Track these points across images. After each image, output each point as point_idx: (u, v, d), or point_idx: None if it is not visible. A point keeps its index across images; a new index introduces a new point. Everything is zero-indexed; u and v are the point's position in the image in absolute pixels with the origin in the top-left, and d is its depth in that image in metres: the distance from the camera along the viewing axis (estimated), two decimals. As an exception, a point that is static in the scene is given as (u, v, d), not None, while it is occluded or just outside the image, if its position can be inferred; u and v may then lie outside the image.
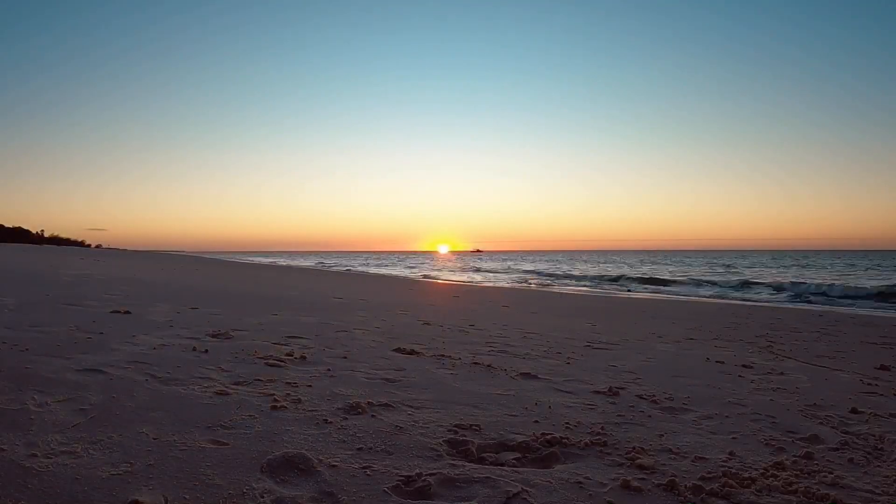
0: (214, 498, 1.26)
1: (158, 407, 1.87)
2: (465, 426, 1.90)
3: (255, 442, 1.62)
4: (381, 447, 1.66)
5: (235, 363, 2.63)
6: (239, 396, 2.06)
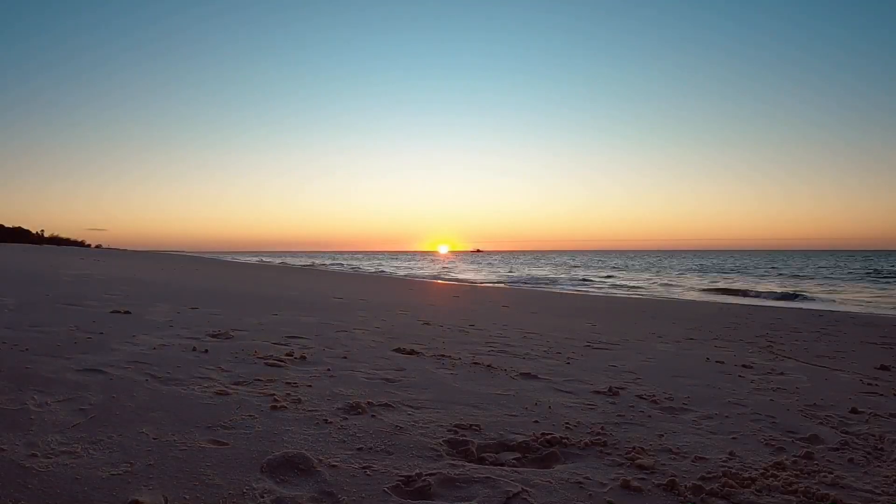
0: (214, 498, 1.26)
1: (158, 407, 1.87)
2: (465, 426, 1.90)
3: (255, 442, 1.62)
4: (381, 447, 1.66)
5: (235, 363, 2.63)
6: (239, 396, 2.06)
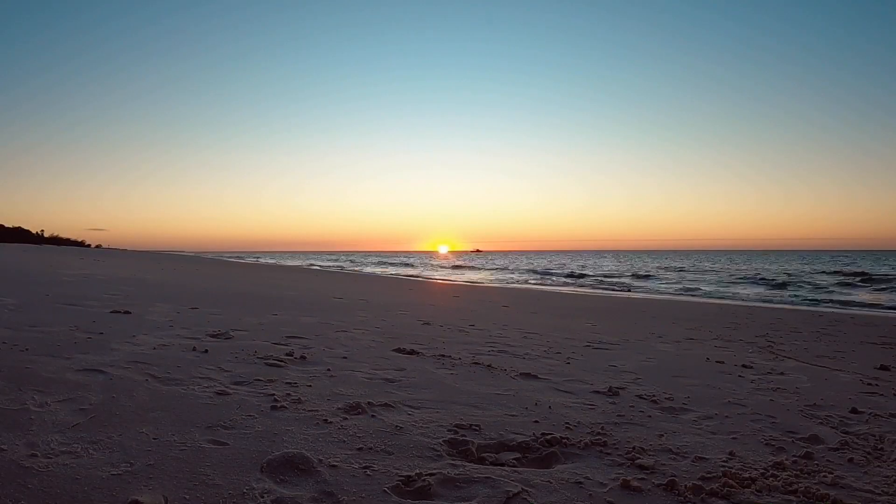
0: (214, 498, 1.26)
1: (158, 407, 1.87)
2: (465, 426, 1.90)
3: (255, 442, 1.62)
4: (381, 447, 1.65)
5: (235, 363, 2.63)
6: (239, 396, 2.06)
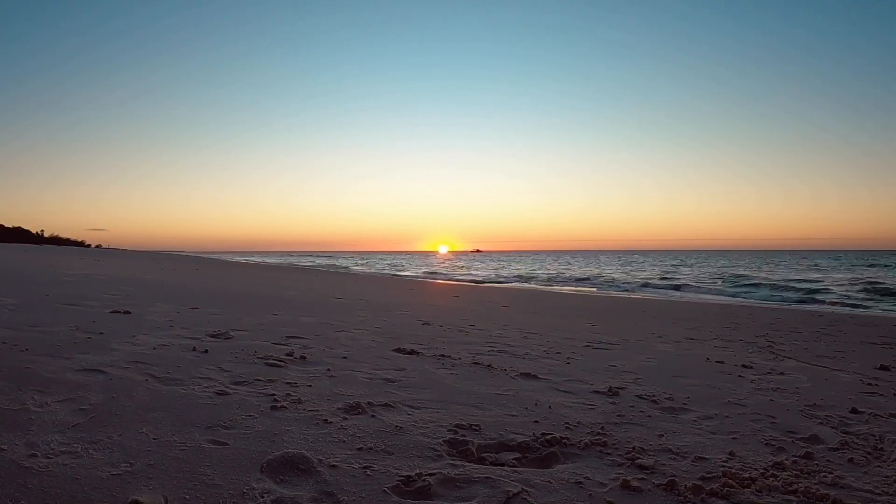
0: (214, 498, 1.26)
1: (158, 407, 1.87)
2: (465, 426, 1.90)
3: (255, 442, 1.62)
4: (381, 447, 1.65)
5: (235, 363, 2.63)
6: (239, 396, 2.06)
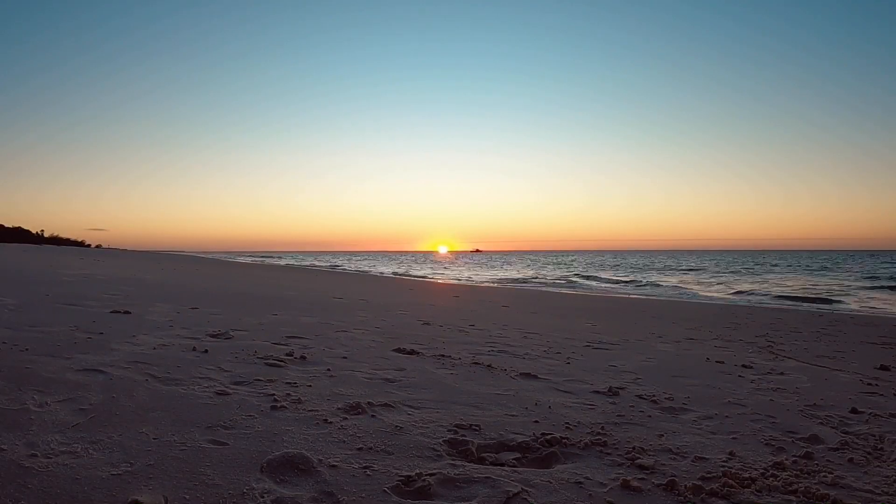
0: (214, 498, 1.26)
1: (158, 407, 1.87)
2: (465, 426, 1.90)
3: (255, 442, 1.62)
4: (381, 447, 1.65)
5: (235, 363, 2.63)
6: (239, 396, 2.06)
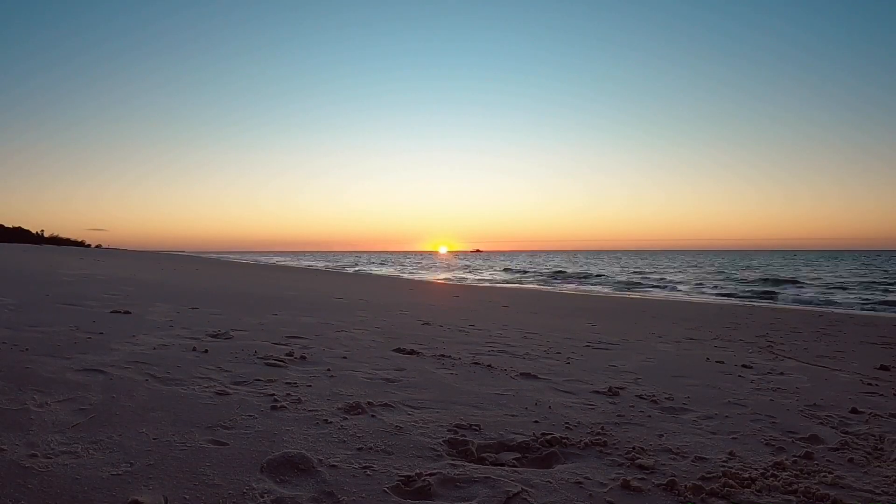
0: (214, 498, 1.26)
1: (158, 407, 1.87)
2: (465, 426, 1.90)
3: (255, 442, 1.62)
4: (381, 447, 1.65)
5: (235, 363, 2.63)
6: (239, 396, 2.06)
